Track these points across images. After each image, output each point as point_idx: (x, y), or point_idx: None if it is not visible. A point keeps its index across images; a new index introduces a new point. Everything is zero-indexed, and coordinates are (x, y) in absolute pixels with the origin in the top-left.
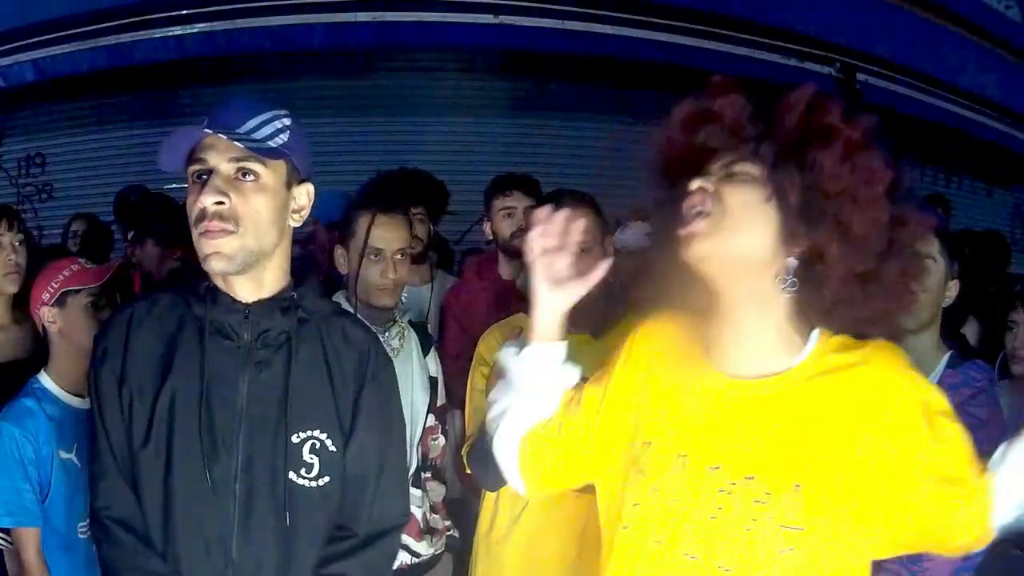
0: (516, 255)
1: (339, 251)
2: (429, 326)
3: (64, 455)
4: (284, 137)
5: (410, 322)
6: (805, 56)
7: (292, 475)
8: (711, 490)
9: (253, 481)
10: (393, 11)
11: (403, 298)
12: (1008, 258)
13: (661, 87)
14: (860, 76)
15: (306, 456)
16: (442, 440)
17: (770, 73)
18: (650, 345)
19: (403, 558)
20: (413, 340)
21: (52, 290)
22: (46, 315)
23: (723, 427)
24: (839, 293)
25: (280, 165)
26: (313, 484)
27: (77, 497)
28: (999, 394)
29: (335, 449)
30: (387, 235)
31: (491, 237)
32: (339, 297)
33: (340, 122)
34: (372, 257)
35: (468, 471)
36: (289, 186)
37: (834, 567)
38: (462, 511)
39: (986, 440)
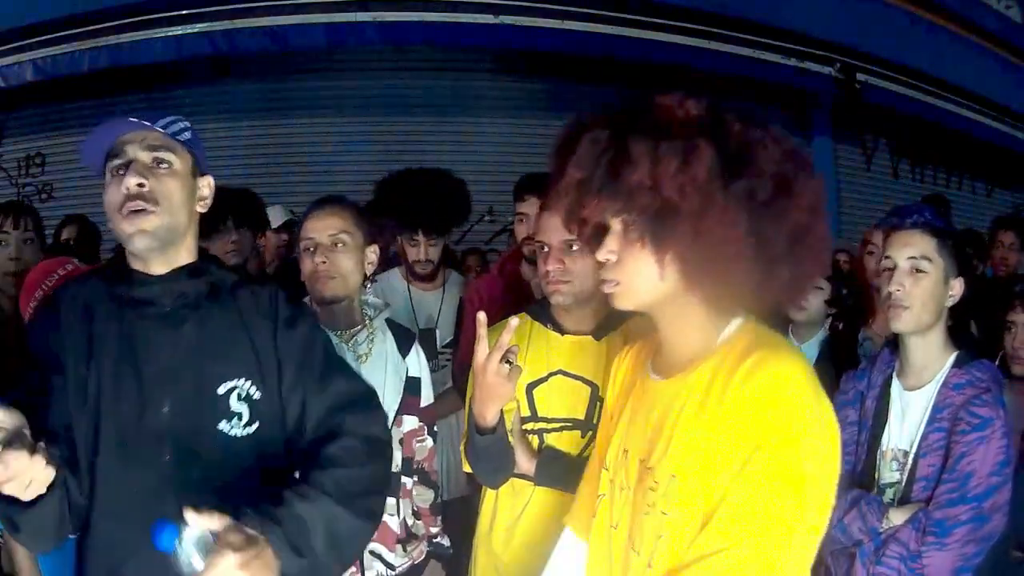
0: (526, 259)
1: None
2: (438, 331)
3: None
4: (188, 134)
5: (389, 322)
6: (805, 56)
7: (223, 425)
8: (638, 480)
9: (184, 434)
10: (393, 11)
11: (367, 297)
12: (986, 256)
13: (661, 87)
14: (860, 76)
15: (234, 406)
16: (429, 442)
17: (770, 73)
18: (622, 362)
19: (377, 568)
20: (388, 342)
21: (44, 290)
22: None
23: (647, 423)
24: (726, 283)
25: (187, 157)
26: (244, 432)
27: None
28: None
29: (260, 395)
30: (316, 225)
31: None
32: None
33: (340, 122)
34: (308, 249)
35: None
36: (195, 176)
37: (704, 547)
38: (465, 508)
39: (987, 439)
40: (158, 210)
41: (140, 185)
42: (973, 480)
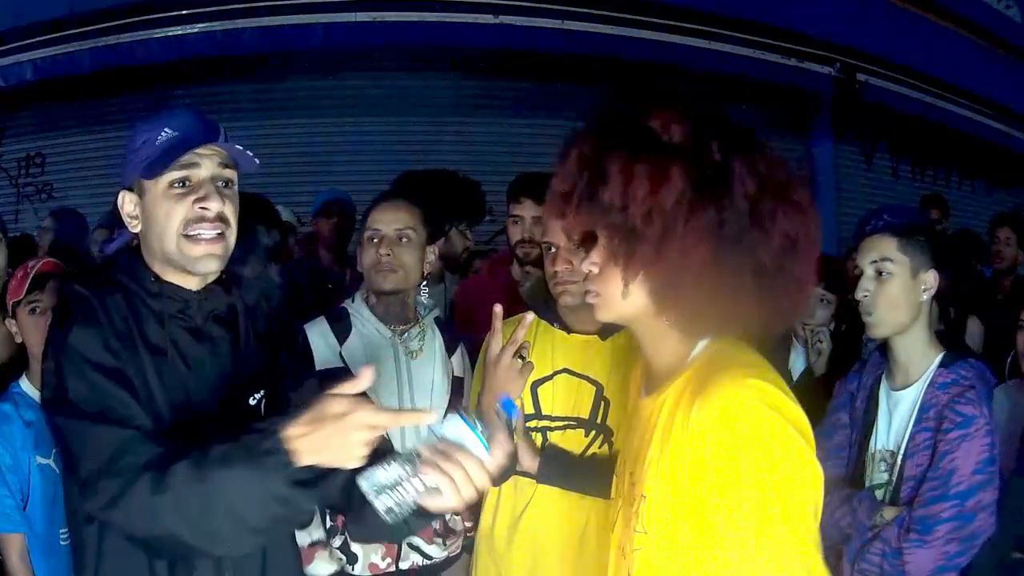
0: (520, 262)
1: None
2: None
3: (41, 460)
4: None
5: (437, 320)
6: (805, 56)
7: None
8: (628, 492)
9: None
10: (393, 11)
11: (424, 297)
12: (984, 254)
13: (661, 87)
14: (860, 76)
15: (263, 414)
16: None
17: (770, 73)
18: (635, 367)
19: (414, 559)
20: (437, 341)
21: (7, 303)
22: (10, 326)
23: (634, 439)
24: (688, 308)
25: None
26: None
27: (57, 502)
28: (1007, 394)
29: (274, 401)
30: (384, 217)
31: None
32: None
33: (340, 122)
34: (373, 240)
35: None
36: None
37: (673, 572)
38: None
39: (970, 437)
40: (228, 233)
41: (219, 209)
42: (955, 478)
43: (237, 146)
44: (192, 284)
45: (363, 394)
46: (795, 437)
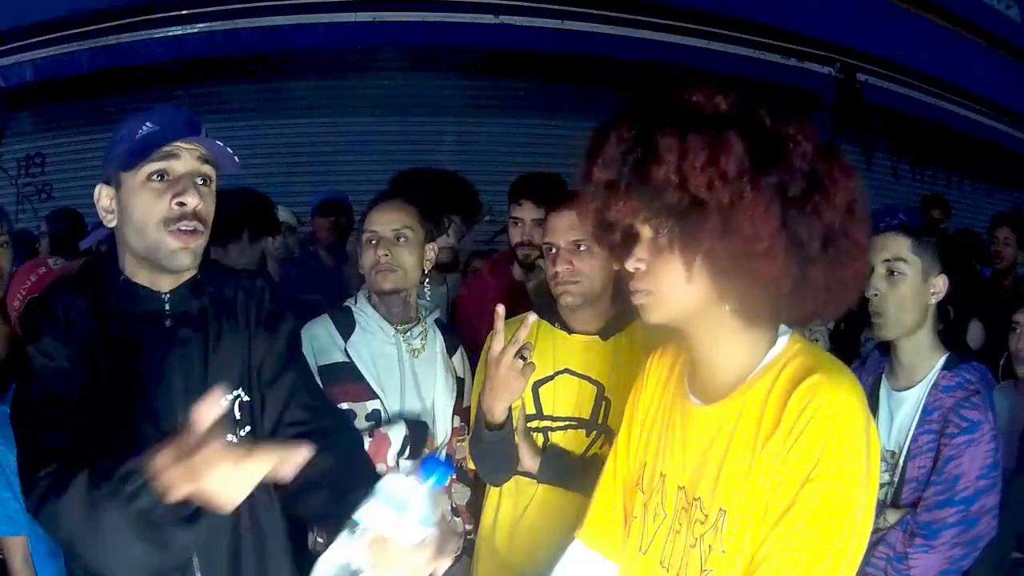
0: (519, 263)
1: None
2: None
3: None
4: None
5: (438, 322)
6: (805, 56)
7: (230, 436)
8: (678, 508)
9: None
10: (393, 11)
11: (427, 295)
12: (983, 254)
13: (661, 87)
14: (860, 76)
15: (236, 414)
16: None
17: (770, 73)
18: (659, 371)
19: None
20: (438, 341)
21: (20, 298)
22: (18, 324)
23: (687, 449)
24: (759, 286)
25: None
26: (240, 436)
27: None
28: (1003, 395)
29: (248, 399)
30: (381, 218)
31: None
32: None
33: (340, 122)
34: (371, 242)
35: (471, 465)
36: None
37: None
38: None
39: (976, 442)
40: (204, 230)
41: (196, 204)
42: (961, 483)
43: (218, 142)
44: (163, 285)
45: (370, 393)
46: (879, 448)
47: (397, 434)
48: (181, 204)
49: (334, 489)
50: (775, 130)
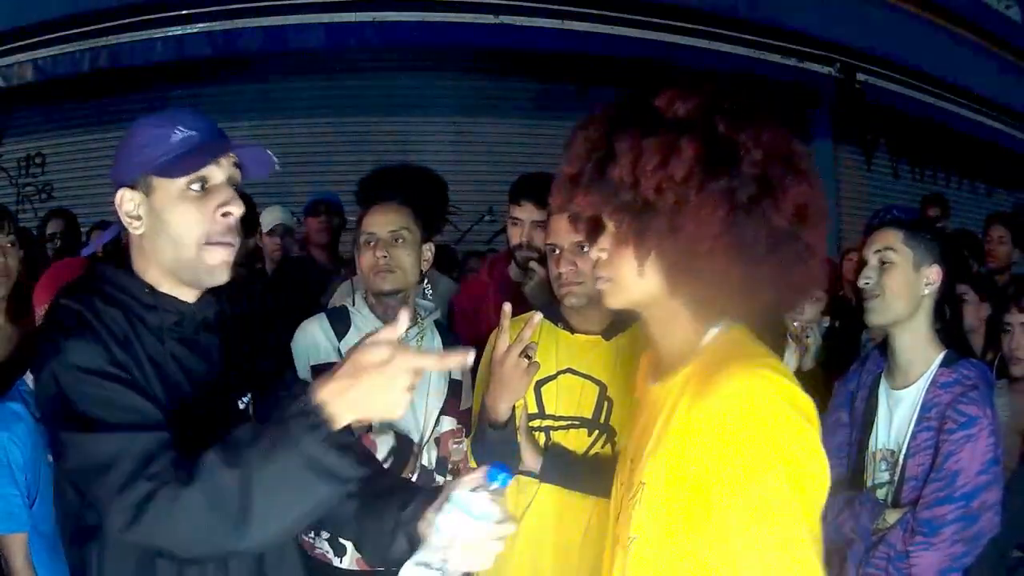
0: (518, 264)
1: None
2: None
3: (51, 459)
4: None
5: (438, 323)
6: (805, 56)
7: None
8: (627, 479)
9: None
10: (393, 11)
11: (428, 295)
12: (980, 253)
13: (661, 87)
14: (860, 76)
15: (252, 417)
16: (466, 444)
17: (770, 73)
18: (639, 364)
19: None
20: (436, 343)
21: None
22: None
23: (637, 427)
24: (704, 283)
25: None
26: None
27: None
28: (997, 394)
29: (256, 401)
30: (377, 220)
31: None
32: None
33: (340, 122)
34: (368, 244)
35: (473, 465)
36: None
37: (669, 561)
38: None
39: (974, 437)
40: (237, 243)
41: (241, 213)
42: (960, 479)
43: (257, 145)
44: (189, 296)
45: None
46: (807, 428)
47: (384, 444)
48: (226, 215)
49: (362, 496)
50: (728, 136)
